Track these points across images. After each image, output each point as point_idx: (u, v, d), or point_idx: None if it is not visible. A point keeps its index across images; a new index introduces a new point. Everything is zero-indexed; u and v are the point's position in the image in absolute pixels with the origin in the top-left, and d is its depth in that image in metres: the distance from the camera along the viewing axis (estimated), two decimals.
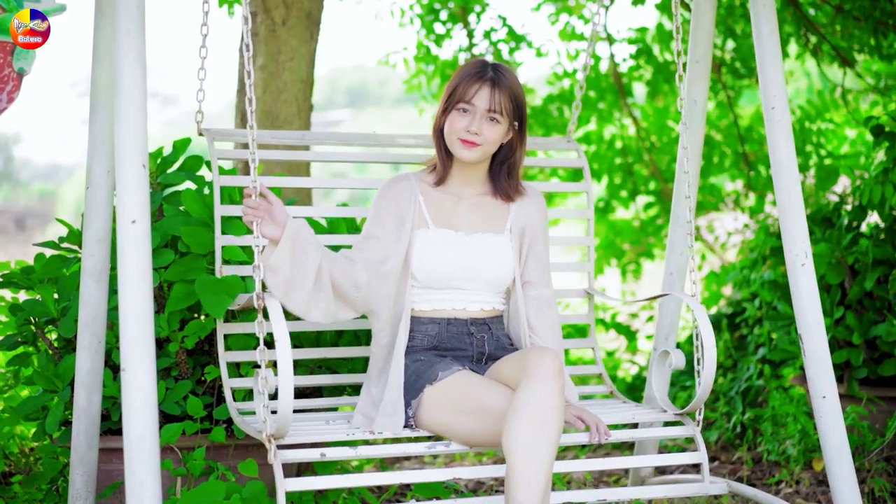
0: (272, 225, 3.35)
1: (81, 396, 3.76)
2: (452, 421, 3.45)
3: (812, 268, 3.68)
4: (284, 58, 5.38)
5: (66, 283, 4.07)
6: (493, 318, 3.74)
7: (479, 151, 3.62)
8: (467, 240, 3.69)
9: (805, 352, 3.68)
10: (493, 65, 3.66)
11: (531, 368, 3.26)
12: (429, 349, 3.66)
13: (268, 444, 3.27)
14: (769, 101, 3.73)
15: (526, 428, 3.17)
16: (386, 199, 3.69)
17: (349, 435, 3.49)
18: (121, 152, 3.09)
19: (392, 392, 3.52)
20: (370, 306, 3.61)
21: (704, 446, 3.68)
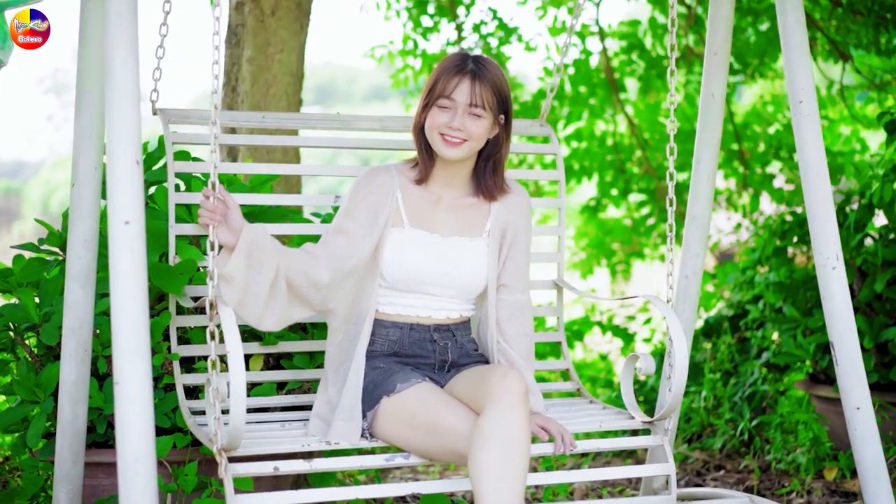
0: (228, 231, 3.24)
1: (66, 409, 3.53)
2: (409, 436, 3.33)
3: (843, 271, 3.51)
4: (274, 50, 5.16)
5: (48, 288, 3.83)
6: (458, 325, 3.59)
7: (464, 149, 3.44)
8: (442, 243, 3.52)
9: (837, 360, 3.51)
10: (474, 57, 3.48)
11: (496, 392, 3.16)
12: (388, 355, 3.52)
13: (219, 458, 3.10)
14: (796, 95, 3.56)
15: (495, 456, 3.07)
16: (363, 191, 3.51)
17: (304, 446, 3.34)
18: (112, 147, 2.87)
19: (349, 396, 3.40)
20: (329, 305, 3.47)
21: (673, 457, 3.59)
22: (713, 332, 5.98)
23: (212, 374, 3.03)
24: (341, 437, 3.36)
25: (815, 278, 5.33)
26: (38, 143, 35.76)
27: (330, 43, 50.03)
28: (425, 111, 3.48)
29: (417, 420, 3.29)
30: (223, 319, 3.00)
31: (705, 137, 4.07)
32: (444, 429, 3.25)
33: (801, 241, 5.62)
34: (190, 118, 3.89)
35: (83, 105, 3.40)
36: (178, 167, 3.75)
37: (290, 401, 3.85)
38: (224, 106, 5.28)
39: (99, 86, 3.35)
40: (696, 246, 4.12)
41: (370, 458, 3.37)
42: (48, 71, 34.71)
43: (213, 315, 3.06)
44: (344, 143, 4.07)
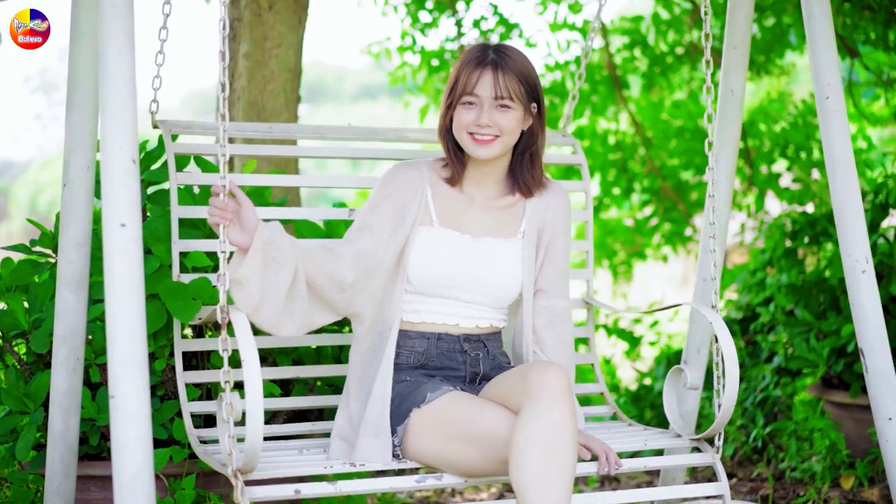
0: (240, 231, 2.98)
1: (57, 420, 3.36)
2: (445, 450, 3.06)
3: (873, 275, 3.36)
4: (271, 45, 4.99)
5: (39, 292, 3.66)
6: (489, 335, 3.36)
7: (497, 146, 3.23)
8: (473, 244, 3.30)
9: (867, 368, 3.36)
10: (494, 46, 3.26)
11: (535, 388, 2.91)
12: (415, 367, 3.27)
13: (234, 480, 2.84)
14: (823, 91, 3.41)
15: (537, 459, 2.82)
16: (390, 186, 3.29)
17: (327, 468, 3.10)
18: (107, 146, 2.71)
19: (375, 410, 3.14)
20: (353, 309, 3.23)
21: (726, 476, 3.33)
22: None
23: (225, 388, 2.82)
24: (368, 457, 3.11)
25: (827, 280, 5.21)
26: (26, 143, 35.58)
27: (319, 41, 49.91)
28: (450, 111, 3.27)
29: (454, 430, 3.03)
30: (237, 327, 2.79)
31: (724, 135, 3.94)
32: (484, 434, 2.99)
33: (812, 242, 5.49)
34: (192, 129, 3.69)
35: (75, 101, 3.25)
36: (182, 178, 3.52)
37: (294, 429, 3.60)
38: None
39: (92, 81, 3.20)
40: (715, 249, 3.97)
41: (400, 480, 3.10)
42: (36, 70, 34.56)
43: (225, 324, 2.84)
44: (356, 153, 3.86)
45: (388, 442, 3.11)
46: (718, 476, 3.30)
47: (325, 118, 30.46)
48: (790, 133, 7.19)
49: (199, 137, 3.72)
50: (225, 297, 2.86)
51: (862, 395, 4.86)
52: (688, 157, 7.50)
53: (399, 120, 23.87)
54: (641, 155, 7.63)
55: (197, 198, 3.64)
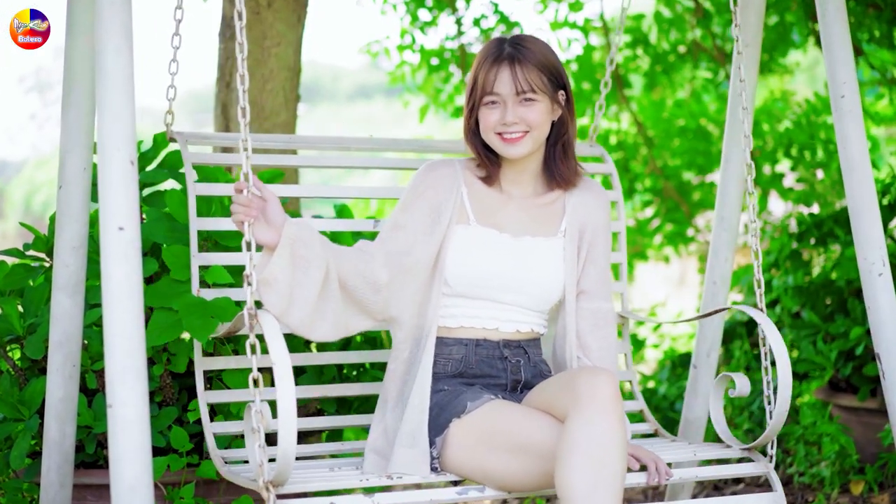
0: (266, 227, 2.82)
1: (53, 429, 3.28)
2: (487, 461, 2.91)
3: (890, 277, 3.28)
4: (270, 43, 4.91)
5: (34, 297, 3.57)
6: (529, 341, 3.21)
7: (528, 142, 3.10)
8: (513, 243, 3.16)
9: (884, 373, 3.29)
10: (510, 39, 3.13)
11: (583, 395, 2.75)
12: (453, 376, 3.13)
13: (265, 493, 2.67)
14: (838, 89, 3.33)
15: (584, 472, 2.67)
16: (424, 185, 3.15)
17: (362, 481, 2.95)
18: (104, 146, 2.63)
19: (412, 419, 2.99)
20: (390, 312, 3.07)
21: (781, 485, 3.18)
22: (727, 338, 5.76)
23: (254, 393, 2.65)
24: (405, 468, 2.94)
25: (834, 282, 5.15)
26: (21, 143, 35.51)
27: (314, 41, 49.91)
28: (473, 113, 3.15)
29: (496, 440, 2.89)
30: (266, 329, 2.63)
31: (734, 135, 3.85)
32: (528, 445, 2.84)
33: (818, 244, 5.42)
34: (212, 139, 3.60)
35: (71, 100, 3.16)
36: (200, 189, 3.38)
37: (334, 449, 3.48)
38: (218, 102, 5.03)
39: (89, 79, 3.11)
40: (724, 250, 3.92)
41: (440, 493, 2.93)
42: (30, 69, 34.50)
43: (252, 326, 2.66)
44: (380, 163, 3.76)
45: (425, 453, 2.96)
46: (773, 486, 3.16)
47: (320, 118, 30.38)
48: (794, 132, 7.12)
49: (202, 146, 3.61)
50: (252, 298, 2.69)
51: (870, 399, 4.79)
52: (690, 157, 7.43)
53: (395, 120, 23.80)
54: (643, 155, 7.55)
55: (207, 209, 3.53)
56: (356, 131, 4.95)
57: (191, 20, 3.45)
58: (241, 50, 2.75)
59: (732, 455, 3.26)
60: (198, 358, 3.30)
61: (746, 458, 3.25)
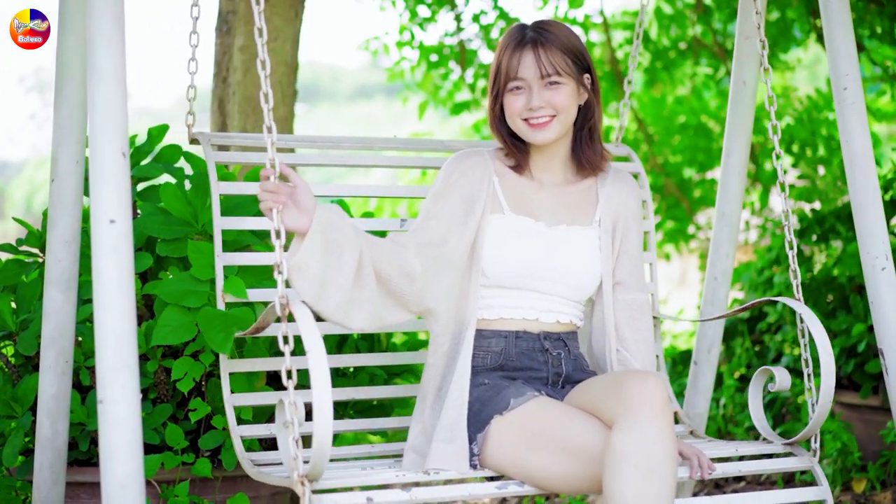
0: (297, 213, 2.70)
1: (45, 426, 3.23)
2: (528, 461, 2.82)
3: (893, 272, 3.23)
4: (267, 38, 4.85)
5: (26, 293, 3.54)
6: (568, 334, 3.14)
7: (555, 126, 3.03)
8: (549, 232, 3.09)
9: (888, 369, 3.24)
10: (532, 24, 3.07)
11: (633, 400, 2.66)
12: (493, 369, 3.05)
13: (300, 489, 2.58)
14: (840, 81, 3.28)
15: (634, 481, 2.59)
16: (456, 174, 3.07)
17: (398, 476, 2.86)
18: (96, 139, 2.60)
19: (451, 414, 2.91)
20: (426, 304, 2.98)
21: (826, 480, 3.15)
22: (728, 335, 5.72)
23: (288, 385, 2.55)
24: (443, 463, 2.85)
25: (836, 278, 5.11)
26: (21, 143, 35.52)
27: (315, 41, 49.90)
28: (498, 100, 3.09)
29: (539, 439, 2.81)
30: (299, 317, 2.53)
31: (735, 129, 3.82)
32: (573, 447, 2.77)
33: (820, 240, 5.38)
34: (234, 140, 3.55)
35: (63, 94, 3.13)
36: (224, 188, 3.31)
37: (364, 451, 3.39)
38: (214, 97, 4.99)
39: (81, 74, 3.07)
40: (725, 245, 3.87)
41: (479, 487, 2.86)
42: (30, 69, 34.53)
43: (285, 317, 2.58)
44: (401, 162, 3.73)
45: (464, 448, 2.88)
46: (818, 480, 3.09)
47: (320, 118, 30.36)
48: (795, 129, 7.09)
49: None
50: (283, 286, 2.61)
51: (872, 396, 4.76)
52: (691, 154, 7.40)
53: (396, 119, 23.76)
54: (644, 152, 7.52)
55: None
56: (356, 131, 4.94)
57: (184, 16, 3.41)
58: (260, 35, 2.71)
59: (775, 450, 3.20)
60: (223, 360, 3.22)
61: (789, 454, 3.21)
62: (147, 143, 3.68)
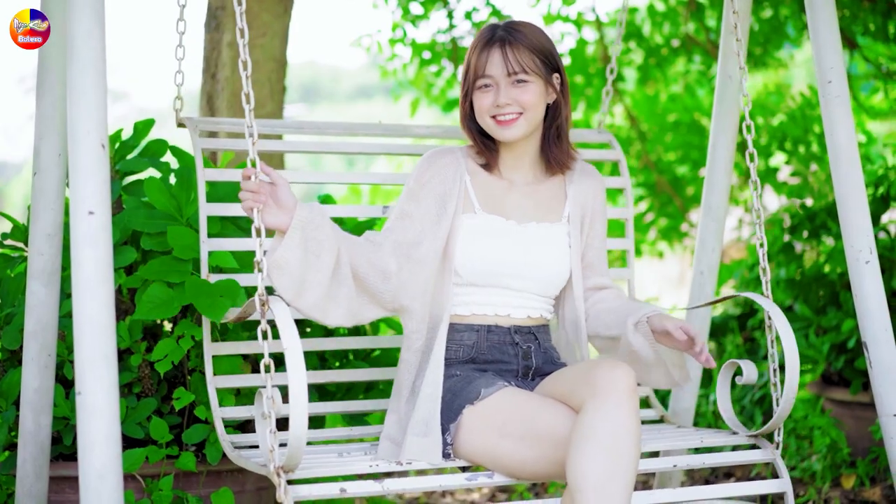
0: (277, 211, 2.77)
1: (28, 419, 3.22)
2: (499, 448, 2.89)
3: (878, 266, 3.23)
4: (255, 34, 4.86)
5: (11, 287, 3.54)
6: (539, 327, 3.20)
7: (522, 124, 3.08)
8: (519, 230, 3.15)
9: (871, 362, 3.24)
10: (503, 24, 3.13)
11: (602, 386, 2.73)
12: (465, 362, 3.11)
13: (276, 479, 2.66)
14: (825, 74, 3.28)
15: (598, 461, 2.65)
16: (429, 173, 3.13)
17: (372, 467, 2.93)
18: (75, 130, 2.59)
19: (424, 407, 2.98)
20: (401, 301, 3.04)
21: (788, 472, 3.18)
22: (719, 331, 5.71)
23: (266, 379, 2.63)
24: (416, 455, 2.94)
25: (827, 275, 5.10)
26: (20, 144, 35.49)
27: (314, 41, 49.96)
28: (467, 98, 3.14)
29: (509, 426, 2.87)
30: (277, 315, 2.60)
31: (721, 123, 3.84)
32: (541, 433, 2.83)
33: (811, 237, 5.37)
34: (221, 126, 3.57)
35: (45, 86, 3.12)
36: (210, 175, 3.36)
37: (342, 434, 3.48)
38: (203, 94, 4.98)
39: (62, 65, 3.05)
40: (711, 240, 3.87)
41: (449, 478, 2.94)
42: (30, 70, 34.48)
43: (264, 312, 2.64)
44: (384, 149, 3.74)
45: (437, 441, 2.94)
46: (780, 473, 3.15)
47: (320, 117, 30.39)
48: (788, 126, 7.07)
49: None
50: (262, 284, 2.66)
51: (863, 393, 4.75)
52: (684, 152, 7.39)
53: (395, 119, 23.75)
54: (637, 149, 7.51)
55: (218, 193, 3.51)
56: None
57: (173, 13, 3.42)
58: (241, 35, 2.70)
59: (738, 442, 3.25)
60: (206, 343, 3.28)
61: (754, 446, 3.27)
62: (133, 138, 3.67)
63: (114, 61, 43.52)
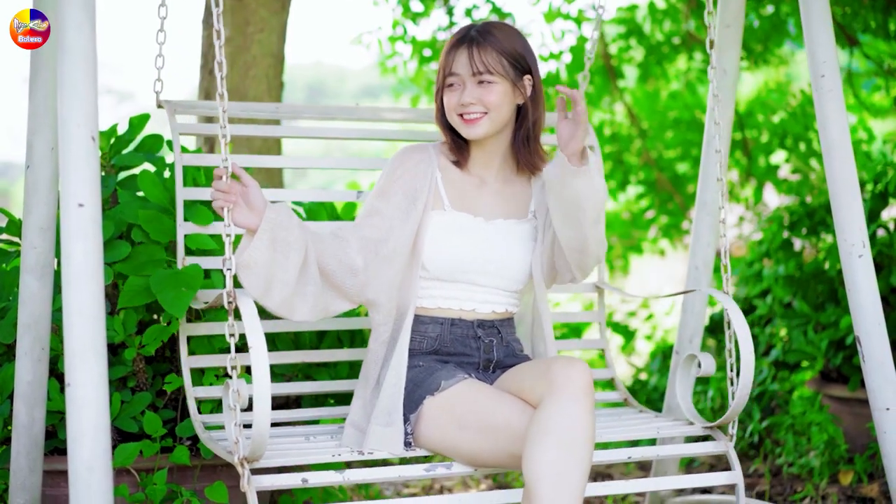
0: (247, 212, 2.84)
1: (22, 412, 3.22)
2: (457, 439, 2.98)
3: (870, 259, 3.22)
4: (253, 30, 4.86)
5: (6, 281, 3.54)
6: (503, 321, 3.27)
7: (486, 123, 3.13)
8: (486, 227, 3.20)
9: (864, 356, 3.23)
10: (478, 25, 3.17)
11: (559, 383, 2.82)
12: (428, 353, 3.19)
13: (240, 469, 2.77)
14: (818, 69, 3.27)
15: (553, 454, 2.72)
16: (400, 170, 3.18)
17: (335, 456, 3.00)
18: (65, 122, 2.60)
19: (388, 398, 3.04)
20: (368, 295, 3.11)
21: (739, 464, 3.25)
22: (718, 328, 5.71)
23: (232, 374, 2.71)
24: (379, 445, 3.03)
25: (826, 272, 5.10)
26: None
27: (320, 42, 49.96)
28: (439, 96, 3.19)
29: (468, 419, 2.96)
30: (244, 312, 2.68)
31: (719, 117, 3.78)
32: (498, 426, 2.91)
33: (810, 233, 5.36)
34: (198, 108, 3.60)
35: (38, 80, 3.13)
36: (187, 160, 3.42)
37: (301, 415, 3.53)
38: (201, 90, 4.99)
39: (54, 59, 3.05)
40: (706, 235, 3.87)
41: (408, 469, 3.04)
42: None
43: (231, 310, 2.72)
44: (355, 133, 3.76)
45: (399, 431, 3.02)
46: (732, 465, 3.23)
47: None
48: (788, 123, 7.06)
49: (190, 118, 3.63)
50: (231, 281, 2.73)
51: (861, 389, 4.74)
52: (684, 149, 7.38)
53: None
54: (637, 147, 7.50)
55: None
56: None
57: (176, 9, 3.46)
58: (218, 37, 2.75)
59: (694, 432, 3.32)
60: (182, 323, 3.34)
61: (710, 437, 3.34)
62: (128, 133, 3.68)
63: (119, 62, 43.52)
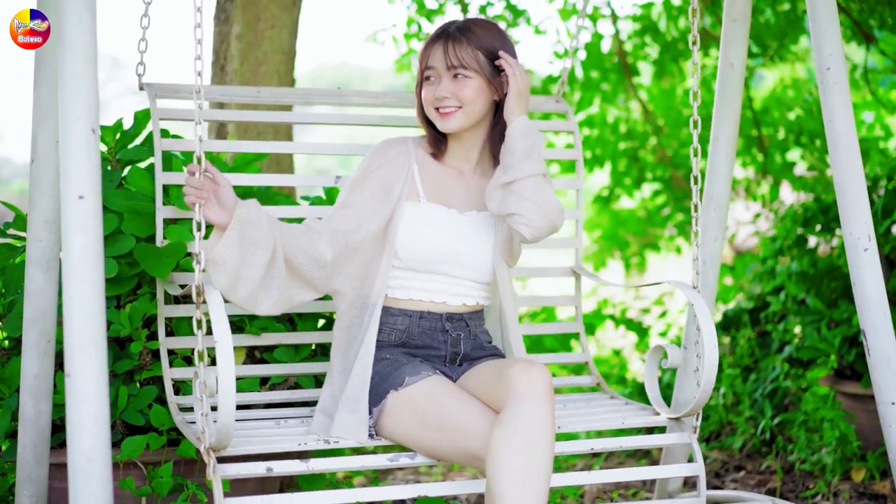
0: (218, 209, 2.94)
1: (28, 405, 3.24)
2: (419, 435, 3.07)
3: (877, 254, 3.21)
4: (264, 26, 4.87)
5: (13, 275, 3.56)
6: (472, 314, 3.32)
7: (459, 117, 3.18)
8: (460, 218, 3.26)
9: (870, 350, 3.22)
10: (459, 21, 3.23)
11: (520, 388, 2.88)
12: (396, 345, 3.25)
13: (206, 458, 2.86)
14: (824, 61, 3.26)
15: (516, 458, 2.81)
16: (377, 162, 3.24)
17: (300, 444, 3.07)
18: (66, 115, 2.61)
19: (355, 385, 3.12)
20: (334, 285, 3.19)
21: (702, 457, 3.31)
22: (732, 325, 5.68)
23: (199, 366, 2.78)
24: (344, 432, 3.09)
25: (839, 268, 5.07)
26: None
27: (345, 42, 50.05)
28: (418, 89, 3.25)
29: (428, 417, 3.03)
30: (211, 307, 2.74)
31: (723, 111, 3.81)
32: (457, 427, 2.99)
33: (824, 230, 5.34)
34: (179, 93, 3.61)
35: (42, 74, 3.14)
36: (167, 145, 3.49)
37: (274, 397, 3.56)
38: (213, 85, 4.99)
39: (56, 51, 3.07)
40: (714, 229, 3.84)
41: (372, 459, 3.12)
42: None
43: (199, 302, 2.80)
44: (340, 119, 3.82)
45: (364, 419, 3.09)
46: (695, 457, 3.28)
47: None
48: (804, 120, 7.02)
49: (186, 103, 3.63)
50: (200, 276, 2.80)
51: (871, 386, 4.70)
52: (700, 146, 7.34)
53: None
54: (653, 144, 7.47)
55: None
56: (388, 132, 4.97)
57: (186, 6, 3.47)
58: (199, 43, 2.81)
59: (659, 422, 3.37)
60: (160, 305, 3.41)
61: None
62: (133, 127, 3.69)
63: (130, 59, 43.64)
